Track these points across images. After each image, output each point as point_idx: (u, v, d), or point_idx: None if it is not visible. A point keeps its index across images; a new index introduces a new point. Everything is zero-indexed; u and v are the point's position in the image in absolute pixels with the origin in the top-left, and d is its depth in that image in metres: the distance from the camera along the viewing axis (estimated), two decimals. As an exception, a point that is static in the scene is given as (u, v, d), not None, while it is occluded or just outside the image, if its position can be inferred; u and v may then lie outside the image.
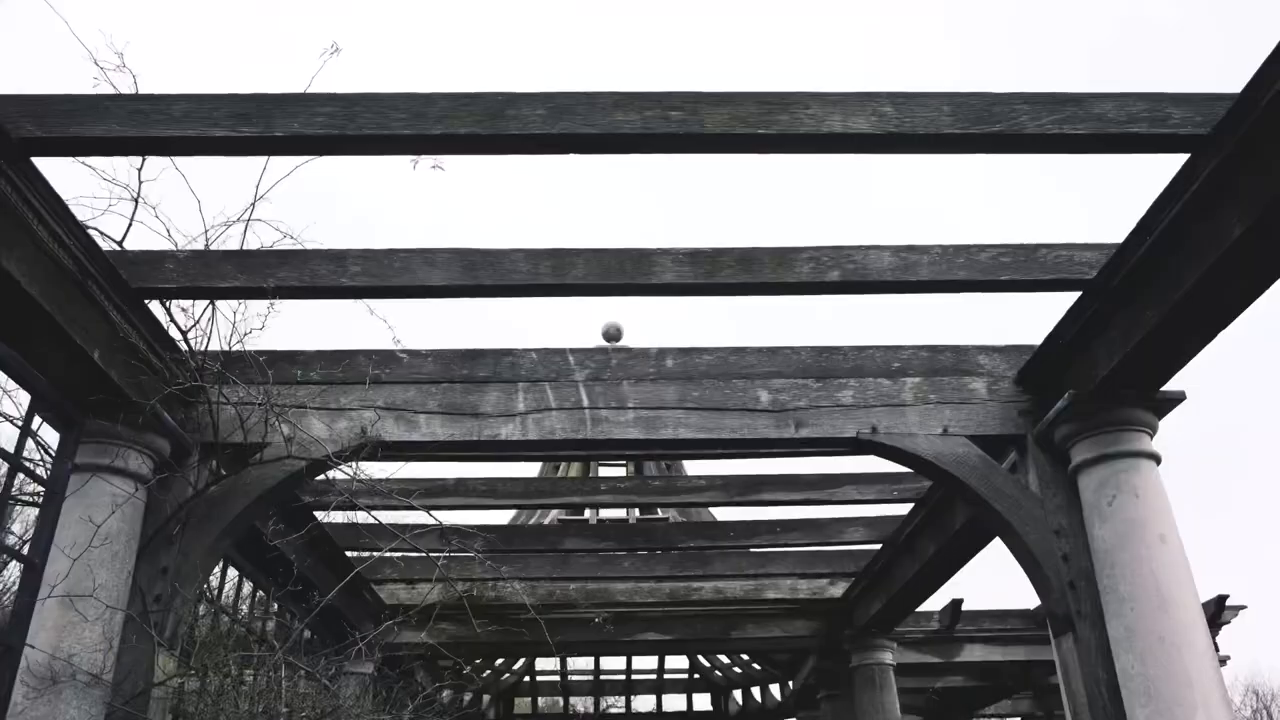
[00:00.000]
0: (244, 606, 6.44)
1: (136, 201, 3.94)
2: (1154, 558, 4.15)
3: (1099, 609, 4.31)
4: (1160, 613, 4.05)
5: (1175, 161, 3.57)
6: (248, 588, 6.51)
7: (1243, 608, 10.27)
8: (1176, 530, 4.29)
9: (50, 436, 4.19)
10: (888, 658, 8.23)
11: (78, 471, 4.06)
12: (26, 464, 3.92)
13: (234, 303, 4.18)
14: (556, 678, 15.39)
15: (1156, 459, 4.42)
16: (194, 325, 4.25)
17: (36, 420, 4.08)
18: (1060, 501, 4.61)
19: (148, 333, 4.17)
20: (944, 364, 4.93)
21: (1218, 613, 9.57)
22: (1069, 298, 4.38)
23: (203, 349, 4.30)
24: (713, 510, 9.63)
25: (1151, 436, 4.46)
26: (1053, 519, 4.57)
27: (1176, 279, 3.66)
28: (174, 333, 4.25)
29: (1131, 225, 3.85)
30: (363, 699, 6.53)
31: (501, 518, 9.48)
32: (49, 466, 4.12)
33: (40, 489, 4.07)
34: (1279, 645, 55.86)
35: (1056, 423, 4.54)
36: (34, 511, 4.44)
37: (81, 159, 3.59)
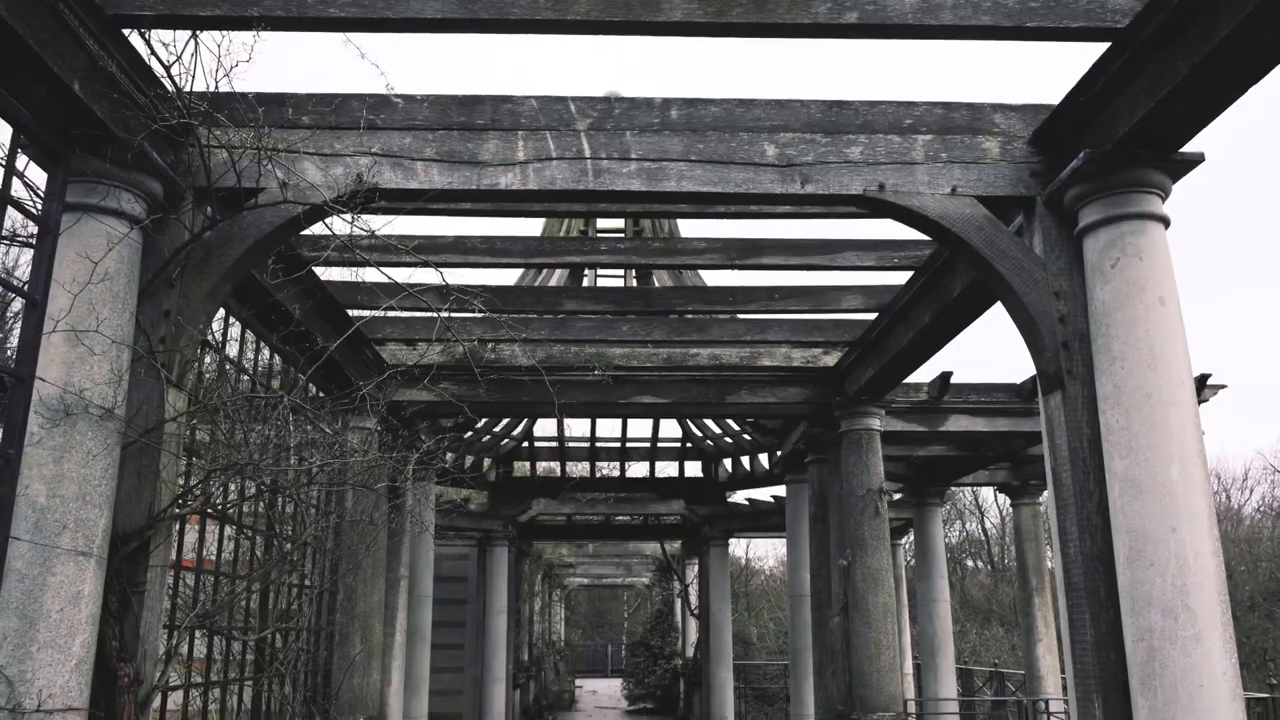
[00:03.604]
0: (249, 361, 6.55)
1: (103, -84, 3.65)
2: (1150, 318, 4.17)
3: (1090, 369, 4.39)
4: (1150, 371, 4.12)
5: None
6: (251, 350, 6.59)
7: (1223, 387, 10.53)
8: (1176, 294, 4.29)
9: (39, 179, 4.09)
10: (875, 423, 8.50)
11: (69, 210, 3.98)
12: (16, 201, 3.84)
13: (217, 35, 3.96)
14: (554, 444, 16.00)
15: (1165, 222, 4.36)
16: (177, 60, 4.04)
17: (24, 161, 3.97)
18: (1063, 265, 4.59)
19: (128, 66, 3.98)
20: (958, 122, 4.77)
21: (1198, 390, 9.83)
22: (1095, 54, 4.16)
23: (188, 89, 4.12)
24: (711, 279, 9.65)
25: (1164, 199, 4.38)
26: (1054, 281, 4.56)
27: (1213, 24, 3.46)
28: (156, 67, 4.05)
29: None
30: (368, 441, 6.79)
31: (500, 279, 9.53)
32: (39, 208, 4.05)
33: (33, 229, 4.01)
34: (1246, 431, 58.09)
35: (1069, 183, 4.44)
36: (28, 255, 4.40)
37: None
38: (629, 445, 16.14)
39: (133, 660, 3.92)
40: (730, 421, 14.57)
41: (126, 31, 3.98)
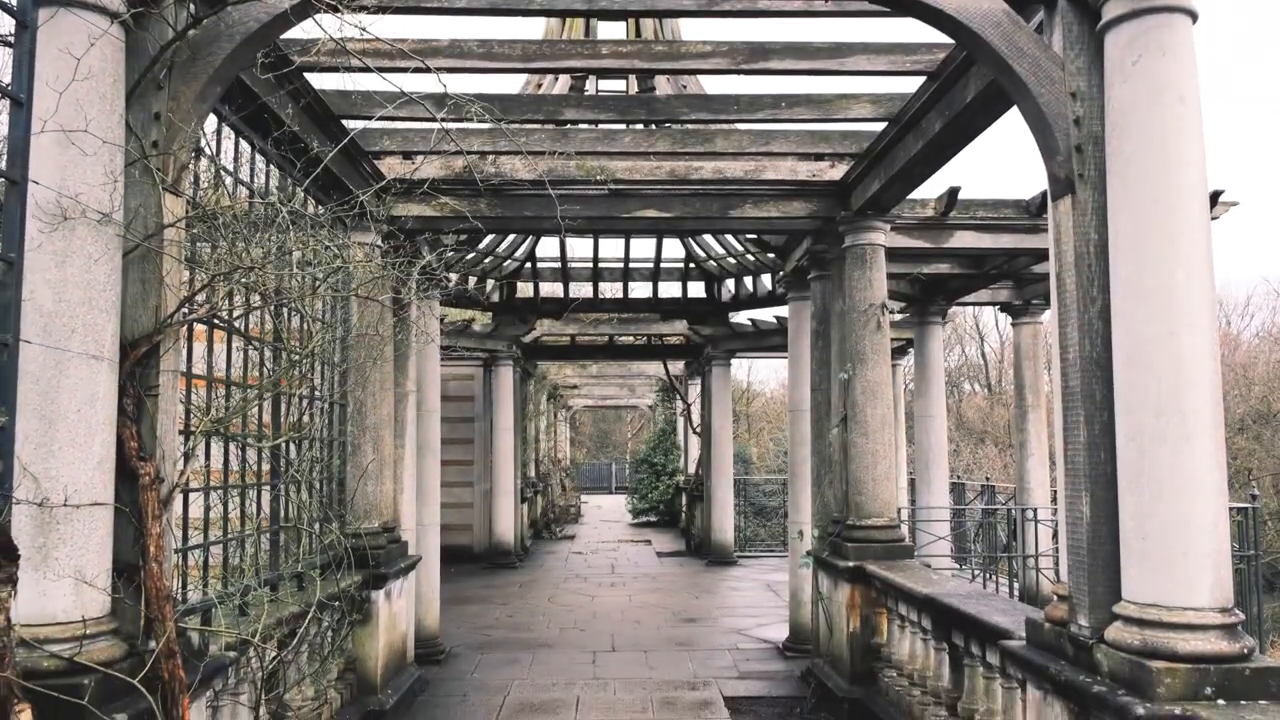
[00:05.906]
0: (244, 175, 6.43)
1: None
2: (1167, 118, 4.03)
3: (1103, 174, 4.29)
4: (1162, 172, 4.03)
5: None
6: (247, 164, 6.44)
7: (1234, 205, 10.36)
8: (1197, 93, 4.14)
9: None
10: (879, 239, 8.43)
11: (45, 5, 3.80)
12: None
13: None
14: (557, 264, 15.96)
15: (1193, 16, 4.15)
16: None
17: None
18: (1082, 64, 4.42)
19: None
20: (981, -93, 4.47)
21: (1210, 205, 9.69)
22: None
23: None
24: (715, 89, 9.34)
25: (1194, -8, 4.16)
26: (1071, 81, 4.40)
27: None
28: None
29: None
30: (371, 255, 6.76)
31: (499, 86, 9.24)
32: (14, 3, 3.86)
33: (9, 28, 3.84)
34: (1252, 256, 57.82)
35: (1093, -25, 4.22)
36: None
37: None
38: (632, 266, 16.09)
39: (152, 459, 4.05)
40: (733, 240, 14.48)
41: None
